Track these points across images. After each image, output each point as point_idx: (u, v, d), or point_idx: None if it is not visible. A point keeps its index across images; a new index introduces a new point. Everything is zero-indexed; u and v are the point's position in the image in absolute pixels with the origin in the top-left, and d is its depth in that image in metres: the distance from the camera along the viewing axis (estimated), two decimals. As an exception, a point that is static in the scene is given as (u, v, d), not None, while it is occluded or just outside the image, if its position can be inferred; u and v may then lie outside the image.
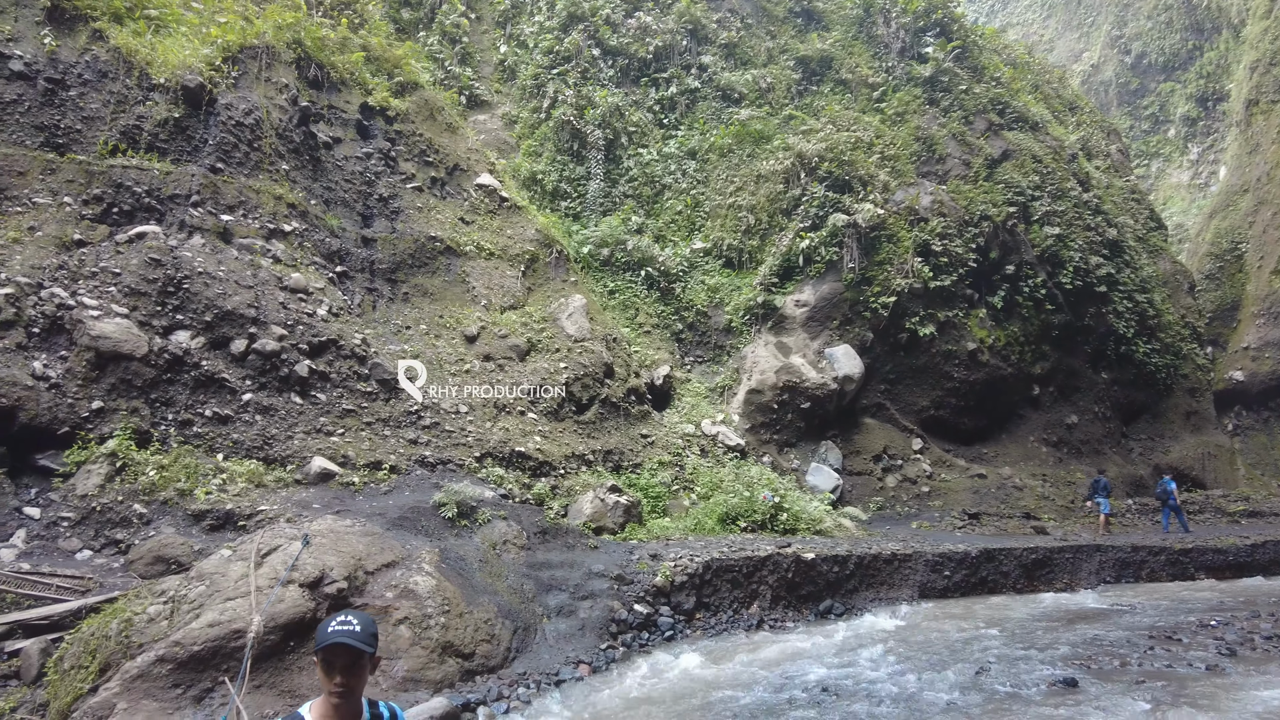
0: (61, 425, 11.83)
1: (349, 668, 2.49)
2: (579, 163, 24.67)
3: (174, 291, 13.38)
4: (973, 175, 24.92)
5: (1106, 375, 26.63)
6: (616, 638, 11.25)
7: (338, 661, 2.47)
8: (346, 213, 17.75)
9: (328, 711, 2.54)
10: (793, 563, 13.76)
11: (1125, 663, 10.20)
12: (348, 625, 2.49)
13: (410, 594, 9.61)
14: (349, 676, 2.49)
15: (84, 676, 8.05)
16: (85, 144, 14.35)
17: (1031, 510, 21.56)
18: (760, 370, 20.85)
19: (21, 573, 9.54)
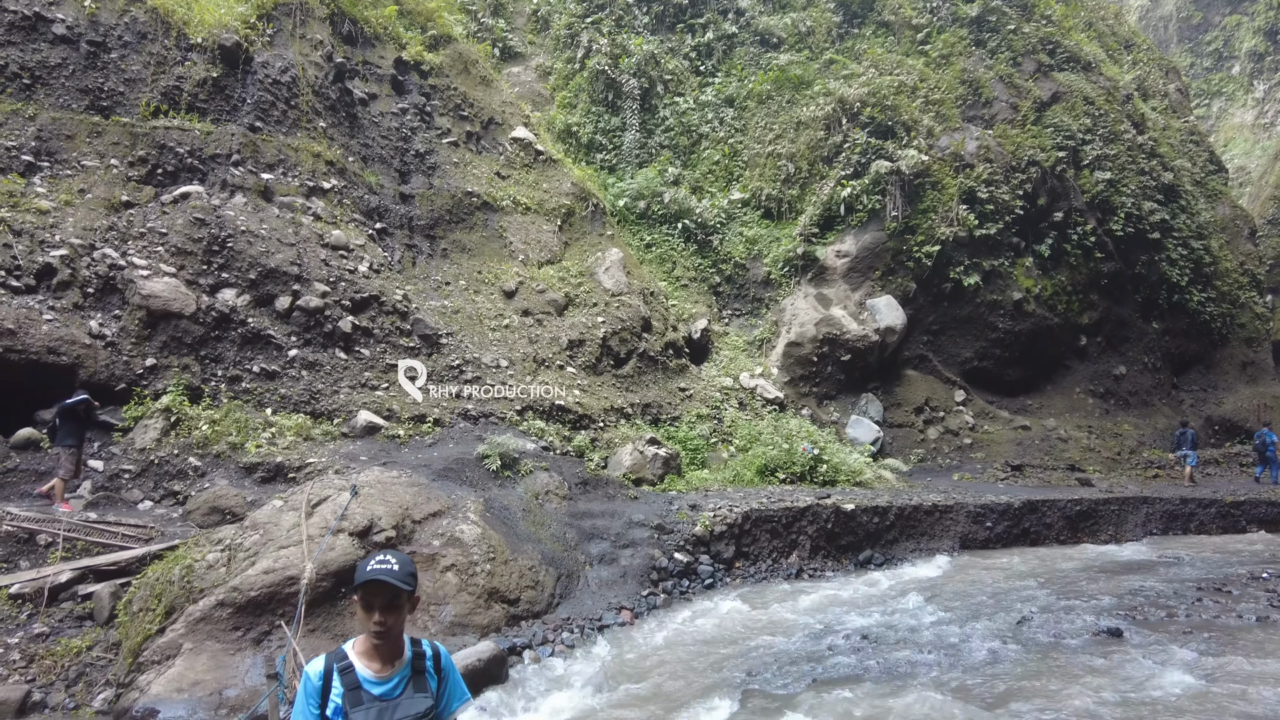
0: (119, 382, 12.24)
1: (388, 606, 2.54)
2: (614, 114, 24.33)
3: (219, 250, 13.64)
4: (1020, 119, 24.02)
5: (1158, 325, 25.83)
6: (657, 585, 11.44)
7: (377, 600, 2.53)
8: (384, 169, 17.81)
9: (369, 648, 2.61)
10: (832, 513, 13.79)
11: (1172, 614, 10.08)
12: (386, 564, 2.54)
13: (457, 542, 9.85)
14: (388, 614, 2.55)
15: (151, 619, 8.45)
16: (128, 106, 14.54)
17: (1076, 462, 21.21)
18: (800, 323, 20.63)
19: (90, 522, 9.98)
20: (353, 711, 2.50)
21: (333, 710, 2.52)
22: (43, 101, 13.89)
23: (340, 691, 2.52)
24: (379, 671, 2.59)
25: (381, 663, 2.61)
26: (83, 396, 10.95)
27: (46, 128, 13.64)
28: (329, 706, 2.52)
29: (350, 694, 2.52)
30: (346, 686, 2.53)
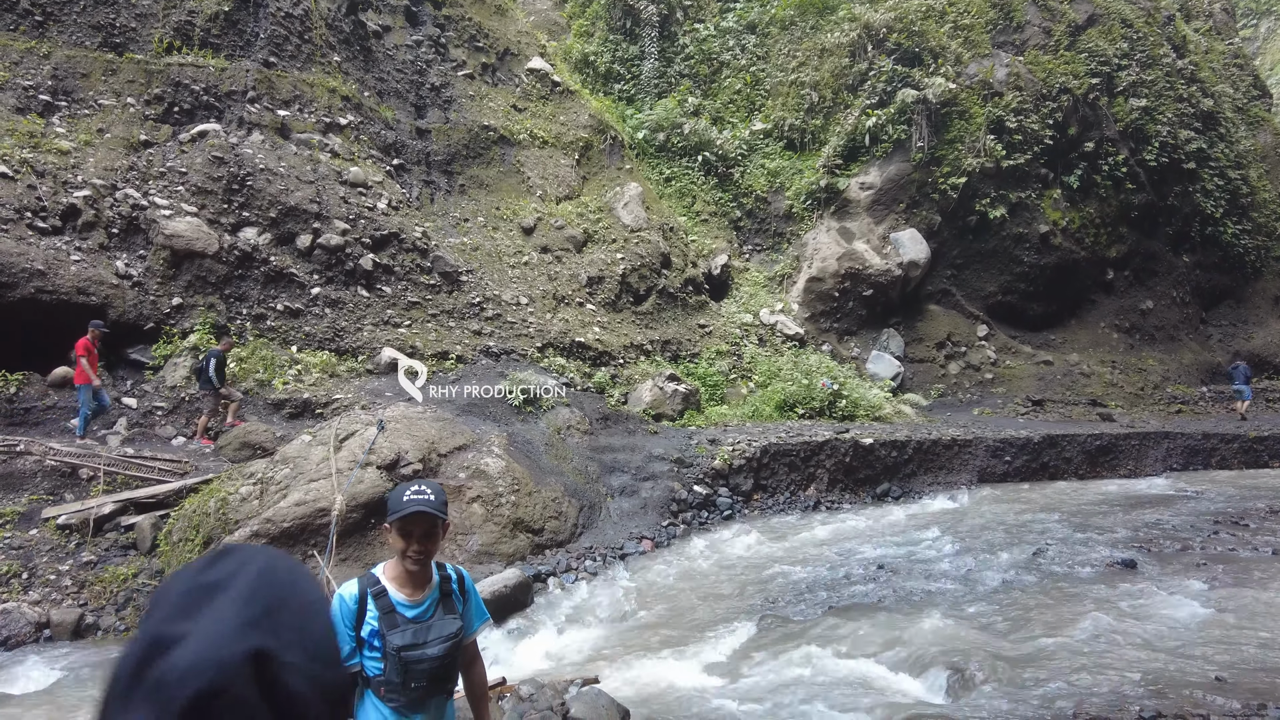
0: (147, 321, 12.46)
1: (425, 534, 2.66)
2: (632, 42, 23.70)
3: (238, 189, 13.66)
4: (1053, 44, 23.09)
5: (1188, 258, 25.23)
6: (677, 516, 11.69)
7: (415, 530, 2.64)
8: (399, 104, 17.60)
9: (401, 574, 2.73)
10: (850, 447, 13.91)
11: (1187, 546, 10.17)
12: (423, 494, 2.64)
13: (482, 474, 10.10)
14: (426, 543, 2.66)
15: (190, 548, 8.81)
16: (141, 43, 14.40)
17: (1098, 397, 21.08)
18: (821, 257, 20.42)
19: (128, 457, 10.32)
20: (390, 634, 2.63)
21: (368, 632, 2.65)
22: (56, 39, 13.79)
23: (376, 615, 2.65)
24: (411, 595, 2.72)
25: (413, 588, 2.73)
26: (217, 349, 11.61)
27: (62, 66, 13.57)
28: (364, 628, 2.65)
29: (386, 617, 2.65)
30: (382, 610, 2.66)
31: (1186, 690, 5.56)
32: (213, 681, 0.79)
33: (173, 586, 0.90)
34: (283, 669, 0.83)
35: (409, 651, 2.63)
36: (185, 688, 0.78)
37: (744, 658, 6.88)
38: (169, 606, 0.87)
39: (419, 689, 2.66)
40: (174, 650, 0.80)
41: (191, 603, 0.86)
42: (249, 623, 0.84)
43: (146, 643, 0.82)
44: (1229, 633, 6.89)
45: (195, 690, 0.78)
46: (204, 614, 0.84)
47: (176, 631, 0.82)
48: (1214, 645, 6.60)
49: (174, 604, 0.87)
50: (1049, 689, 5.71)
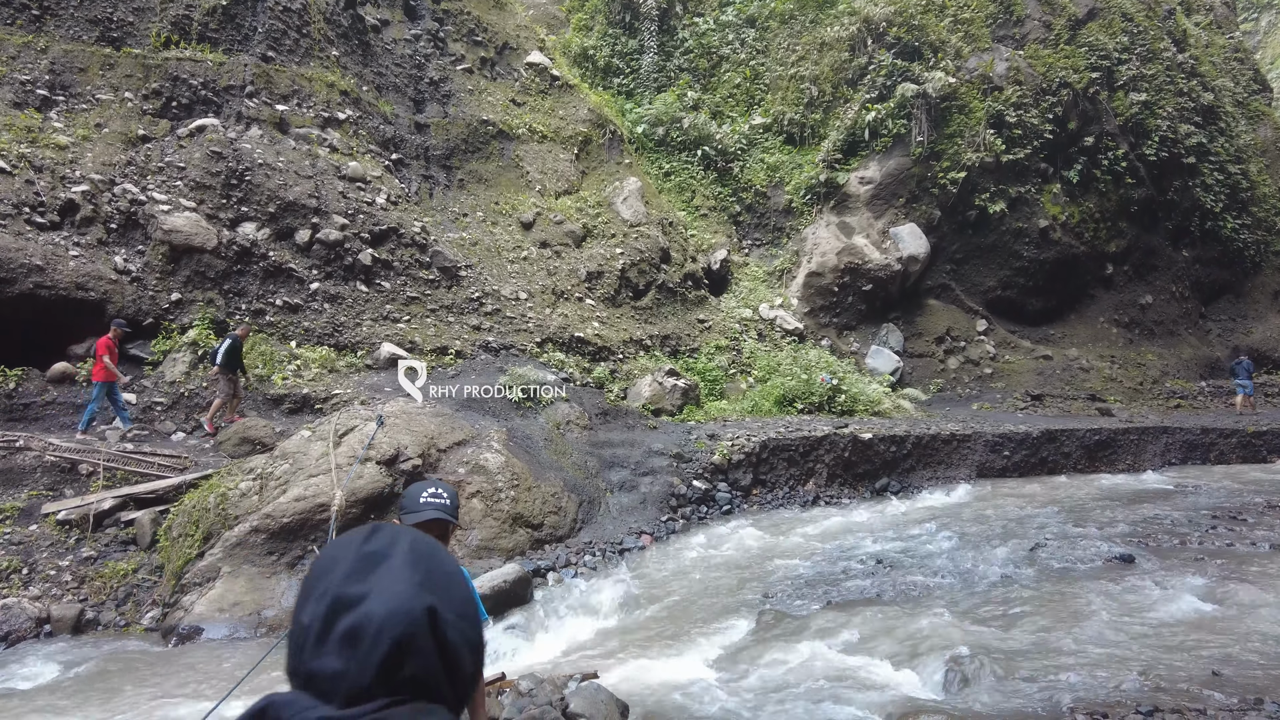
0: (146, 316, 12.45)
1: (439, 537, 2.67)
2: (632, 35, 23.64)
3: (237, 184, 13.63)
4: (1053, 38, 23.02)
5: (1188, 253, 25.22)
6: (676, 511, 11.71)
7: (429, 533, 2.65)
8: (398, 98, 17.56)
9: None
10: (849, 442, 13.92)
11: (1185, 541, 10.19)
12: (439, 498, 2.64)
13: (481, 469, 10.11)
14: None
15: (190, 544, 8.83)
16: (139, 37, 14.36)
17: (1097, 392, 21.10)
18: (821, 252, 20.41)
19: (127, 452, 10.33)
20: None
21: None
22: (53, 33, 13.75)
23: None
24: None
25: None
26: (235, 333, 11.75)
27: (59, 60, 13.54)
28: None
29: None
30: None
31: (1184, 685, 5.58)
32: (404, 631, 0.95)
33: (339, 555, 1.03)
34: (445, 624, 0.99)
35: None
36: (384, 636, 0.93)
37: (743, 652, 6.90)
38: (343, 572, 1.00)
39: None
40: (361, 606, 0.95)
41: (363, 568, 1.00)
42: (421, 584, 0.99)
43: (330, 601, 0.96)
44: (1226, 627, 6.91)
45: (393, 639, 0.94)
46: (380, 576, 0.99)
47: (357, 591, 0.97)
48: (1211, 640, 6.62)
49: (347, 569, 1.00)
50: (1047, 683, 5.73)
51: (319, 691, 0.94)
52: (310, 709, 0.92)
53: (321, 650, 0.95)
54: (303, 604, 1.01)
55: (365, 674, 0.93)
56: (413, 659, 0.95)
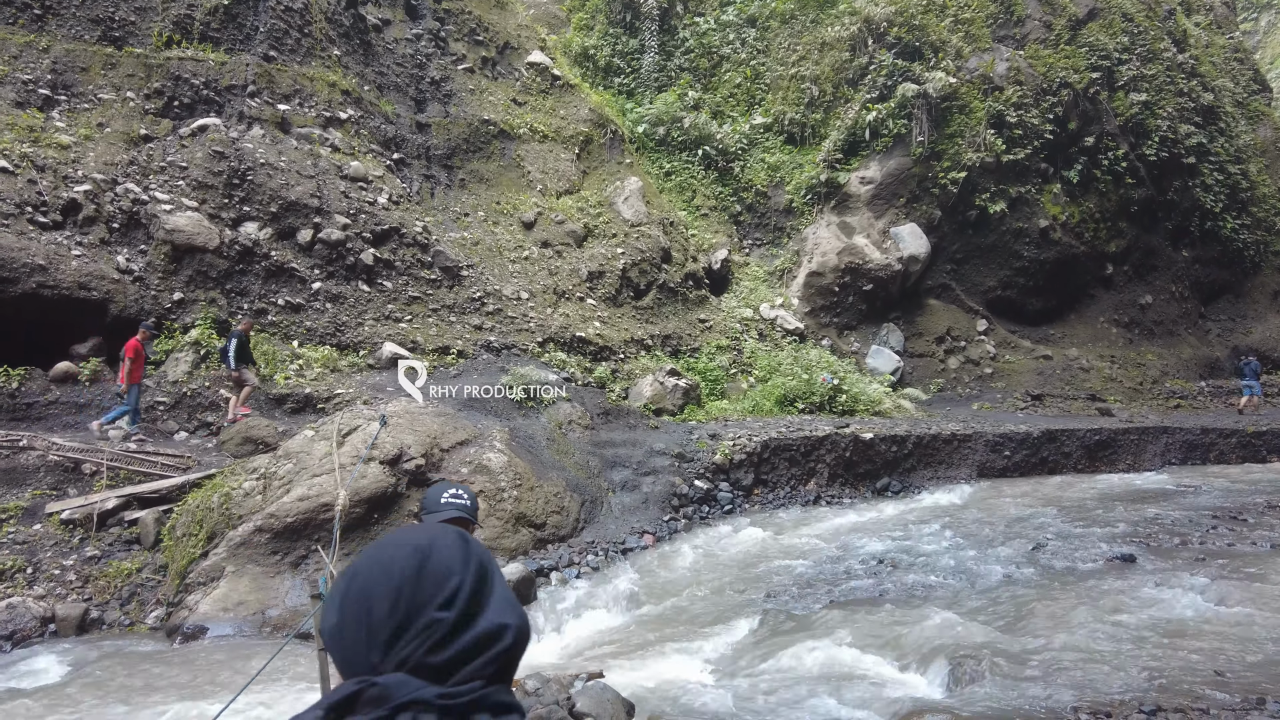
0: (148, 316, 12.45)
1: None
2: (632, 35, 23.64)
3: (239, 184, 13.64)
4: (1054, 38, 23.05)
5: (1187, 253, 25.26)
6: (678, 510, 11.74)
7: None
8: (399, 98, 17.57)
9: None
10: (850, 442, 13.95)
11: (1186, 541, 10.22)
12: (460, 499, 2.66)
13: (484, 469, 10.13)
14: None
15: (194, 543, 8.84)
16: (140, 36, 14.36)
17: (1097, 392, 21.14)
18: (822, 252, 20.43)
19: (130, 452, 10.34)
20: None
21: None
22: (55, 33, 13.75)
23: None
24: None
25: None
26: (239, 329, 11.76)
27: (61, 60, 13.54)
28: None
29: None
30: None
31: (1187, 684, 5.60)
32: (522, 639, 1.15)
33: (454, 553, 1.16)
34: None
35: None
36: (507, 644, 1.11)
37: (747, 652, 6.92)
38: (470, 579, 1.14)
39: None
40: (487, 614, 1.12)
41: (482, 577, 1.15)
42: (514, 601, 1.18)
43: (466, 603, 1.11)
44: (1228, 627, 6.94)
45: (514, 640, 1.13)
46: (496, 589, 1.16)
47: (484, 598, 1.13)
48: (1213, 639, 6.65)
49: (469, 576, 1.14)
50: (1050, 682, 5.76)
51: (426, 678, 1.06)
52: (423, 688, 1.03)
53: (447, 646, 1.08)
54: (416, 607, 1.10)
55: (486, 668, 1.08)
56: (516, 658, 1.13)
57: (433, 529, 1.23)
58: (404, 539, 1.19)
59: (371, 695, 1.03)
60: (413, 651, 1.07)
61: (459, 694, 1.04)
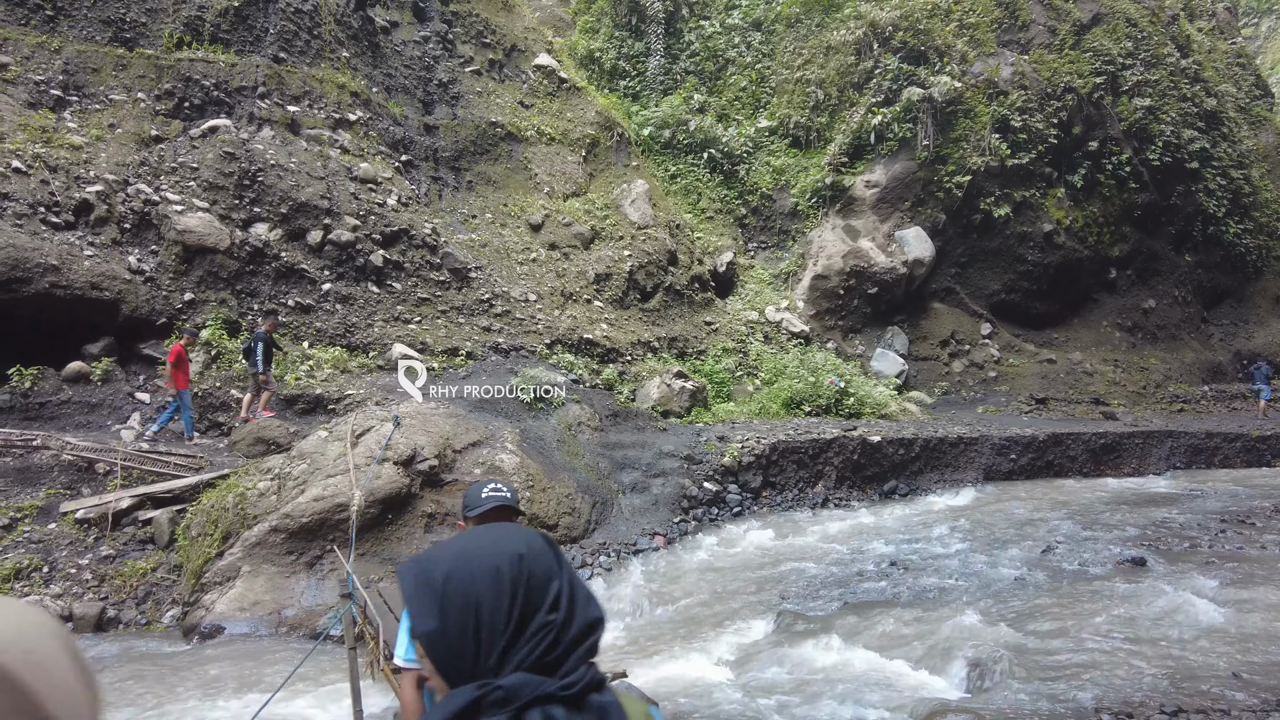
0: (159, 316, 12.50)
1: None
2: (638, 38, 23.71)
3: (249, 185, 13.68)
4: (1058, 43, 23.14)
5: (1190, 258, 25.34)
6: (688, 512, 11.77)
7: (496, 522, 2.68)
8: (407, 100, 17.61)
9: None
10: (858, 445, 13.99)
11: (1195, 544, 10.27)
12: (500, 490, 2.68)
13: (497, 470, 10.16)
14: None
15: (210, 543, 8.87)
16: (151, 37, 14.40)
17: (1101, 396, 21.20)
18: (827, 255, 20.49)
19: (144, 452, 10.36)
20: None
21: None
22: (66, 34, 13.79)
23: None
24: None
25: None
26: (262, 330, 11.88)
27: (72, 60, 13.58)
28: None
29: None
30: None
31: (1205, 686, 5.65)
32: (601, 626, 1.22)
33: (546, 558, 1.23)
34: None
35: None
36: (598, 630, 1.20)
37: (764, 652, 6.96)
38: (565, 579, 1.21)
39: None
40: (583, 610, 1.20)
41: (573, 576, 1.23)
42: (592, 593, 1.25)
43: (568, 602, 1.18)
44: (1242, 630, 6.98)
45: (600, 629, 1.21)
46: (579, 585, 1.23)
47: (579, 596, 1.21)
48: (1228, 642, 6.69)
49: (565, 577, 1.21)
50: (1069, 684, 5.80)
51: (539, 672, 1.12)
52: (544, 683, 1.11)
53: (558, 645, 1.14)
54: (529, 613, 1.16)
55: (585, 655, 1.17)
56: (599, 643, 1.21)
57: (515, 532, 1.26)
58: (499, 544, 1.22)
59: (496, 698, 1.08)
60: (529, 653, 1.13)
61: (574, 683, 1.12)
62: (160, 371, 12.32)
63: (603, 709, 1.14)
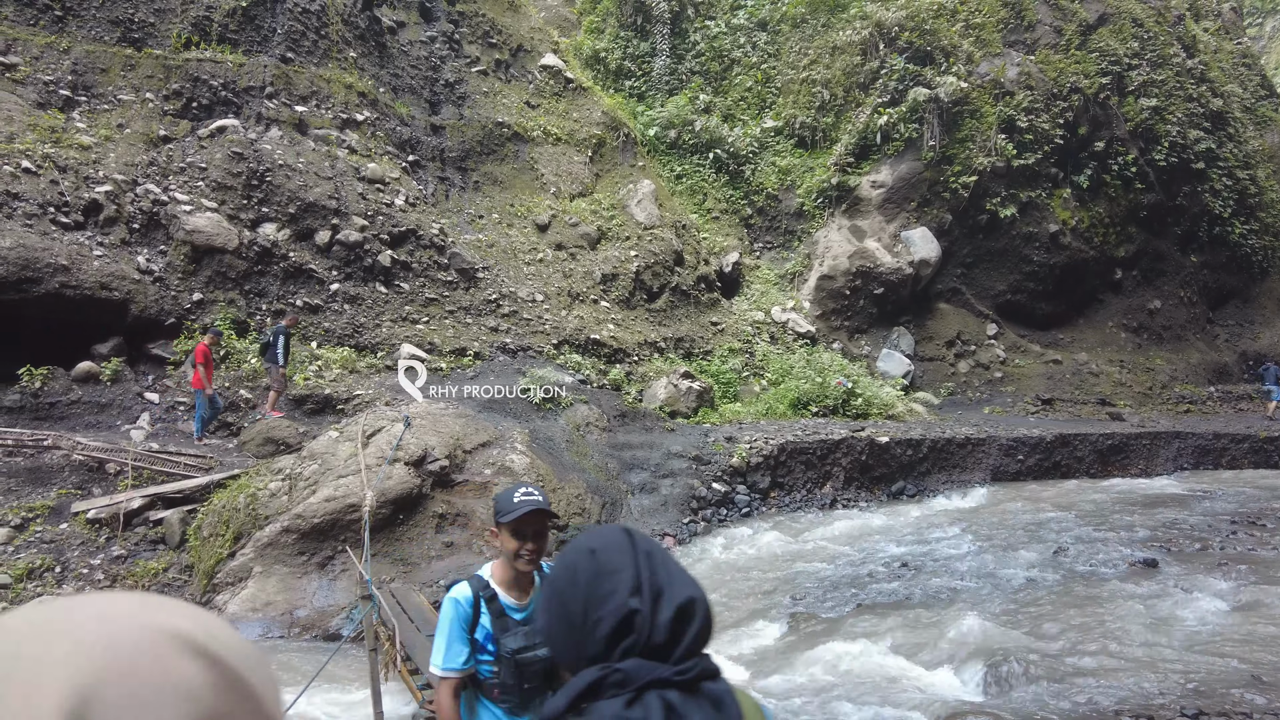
0: (168, 316, 12.50)
1: (538, 533, 2.68)
2: (643, 38, 23.70)
3: (258, 185, 13.68)
4: (1064, 43, 23.11)
5: (1196, 258, 25.31)
6: (697, 513, 11.76)
7: (529, 528, 2.65)
8: (414, 100, 17.61)
9: (510, 577, 2.74)
10: (866, 445, 13.97)
11: (1206, 546, 10.25)
12: (532, 495, 2.65)
13: (508, 470, 10.15)
14: (539, 542, 2.69)
15: (221, 543, 8.86)
16: (159, 38, 14.41)
17: (1107, 396, 21.18)
18: (833, 255, 20.47)
19: (153, 452, 10.36)
20: (504, 637, 2.67)
21: (482, 636, 2.68)
22: (75, 34, 13.80)
23: (488, 618, 2.69)
24: (519, 599, 2.75)
25: (520, 590, 2.76)
26: (282, 325, 11.94)
27: (81, 61, 13.59)
28: (478, 632, 2.69)
29: (498, 621, 2.68)
30: (494, 614, 2.69)
31: (1225, 689, 5.63)
32: (709, 613, 1.28)
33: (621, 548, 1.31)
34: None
35: (523, 654, 2.67)
36: (699, 616, 1.25)
37: (779, 654, 6.95)
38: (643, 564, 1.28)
39: (531, 689, 2.70)
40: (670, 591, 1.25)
41: (655, 562, 1.29)
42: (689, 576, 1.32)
43: (649, 584, 1.26)
44: (1258, 632, 6.96)
45: (705, 616, 1.27)
46: (673, 571, 1.30)
47: (661, 580, 1.27)
48: (1245, 644, 6.67)
49: (641, 562, 1.28)
50: (1088, 686, 5.78)
51: (652, 659, 1.21)
52: (659, 669, 1.19)
53: (653, 630, 1.22)
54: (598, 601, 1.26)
55: (694, 642, 1.24)
56: (710, 628, 1.28)
57: (602, 532, 1.38)
58: (581, 544, 1.37)
59: (615, 679, 1.18)
60: (635, 640, 1.21)
61: (688, 669, 1.21)
62: (170, 371, 12.33)
63: (717, 697, 1.22)
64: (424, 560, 9.36)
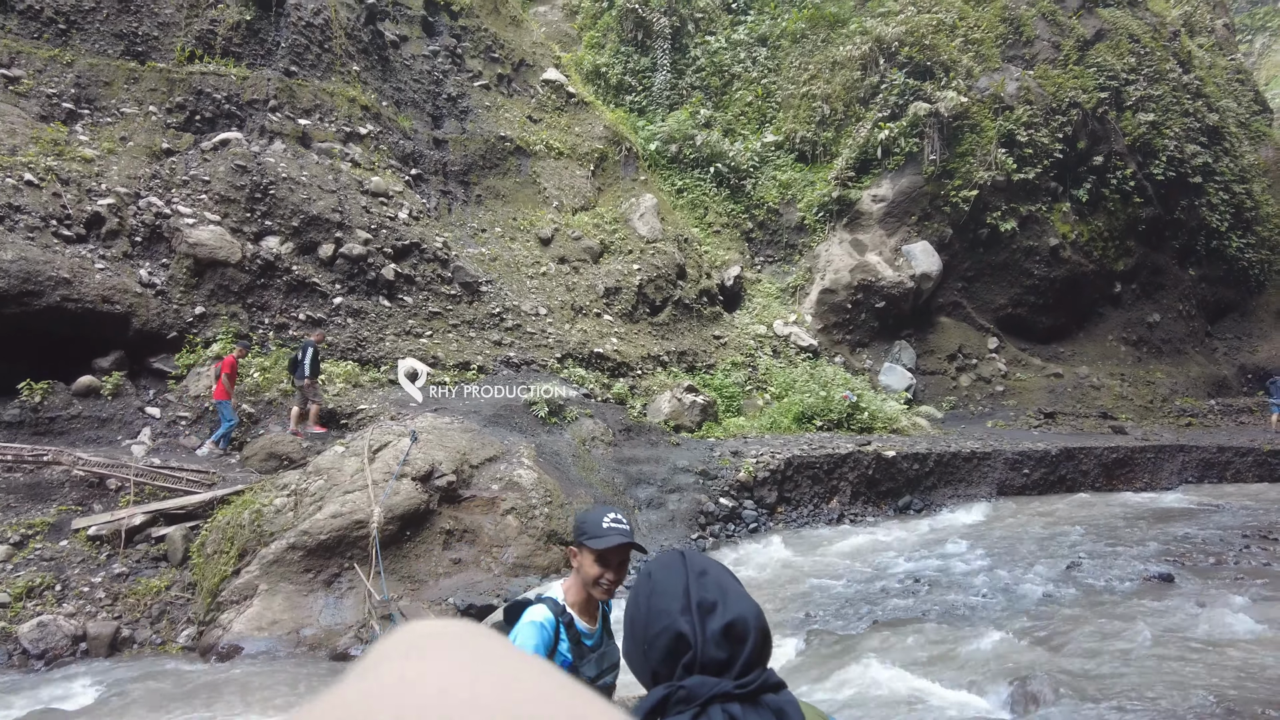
0: (170, 330, 12.38)
1: (624, 564, 2.62)
2: (644, 54, 23.78)
3: (261, 198, 13.61)
4: (1062, 59, 23.27)
5: (1194, 272, 25.42)
6: (705, 529, 11.64)
7: (615, 558, 2.59)
8: (417, 114, 17.60)
9: (583, 600, 2.66)
10: (873, 460, 13.89)
11: (1221, 560, 10.17)
12: (621, 524, 2.57)
13: (515, 486, 10.04)
14: (622, 572, 2.62)
15: (225, 561, 8.72)
16: (163, 51, 14.37)
17: (1109, 410, 21.15)
18: (834, 269, 20.47)
19: (154, 467, 10.22)
20: (581, 666, 2.58)
21: (560, 662, 2.59)
22: (79, 47, 13.75)
23: (566, 645, 2.60)
24: (590, 624, 2.68)
25: (590, 616, 2.68)
26: (310, 340, 11.93)
27: (85, 74, 13.53)
28: (556, 657, 2.60)
29: (575, 648, 2.59)
30: (572, 640, 2.60)
31: (1257, 707, 5.53)
32: (764, 625, 1.36)
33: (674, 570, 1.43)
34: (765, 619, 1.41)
35: (598, 682, 2.59)
36: (752, 632, 1.32)
37: (797, 673, 6.82)
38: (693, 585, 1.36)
39: None
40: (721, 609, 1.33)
41: (707, 581, 1.37)
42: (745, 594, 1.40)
43: (698, 603, 1.33)
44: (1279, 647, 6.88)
45: (759, 632, 1.34)
46: (727, 589, 1.37)
47: (712, 598, 1.34)
48: (1269, 660, 6.58)
49: (692, 583, 1.37)
50: (1117, 703, 5.68)
51: (713, 674, 1.29)
52: (720, 684, 1.26)
53: (704, 641, 1.30)
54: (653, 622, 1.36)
55: (751, 656, 1.31)
56: (768, 642, 1.36)
57: (661, 556, 1.49)
58: (644, 569, 1.51)
59: (680, 696, 1.26)
60: (695, 656, 1.29)
61: (749, 682, 1.28)
62: (171, 386, 12.19)
63: (779, 708, 1.28)
64: (431, 578, 9.23)
